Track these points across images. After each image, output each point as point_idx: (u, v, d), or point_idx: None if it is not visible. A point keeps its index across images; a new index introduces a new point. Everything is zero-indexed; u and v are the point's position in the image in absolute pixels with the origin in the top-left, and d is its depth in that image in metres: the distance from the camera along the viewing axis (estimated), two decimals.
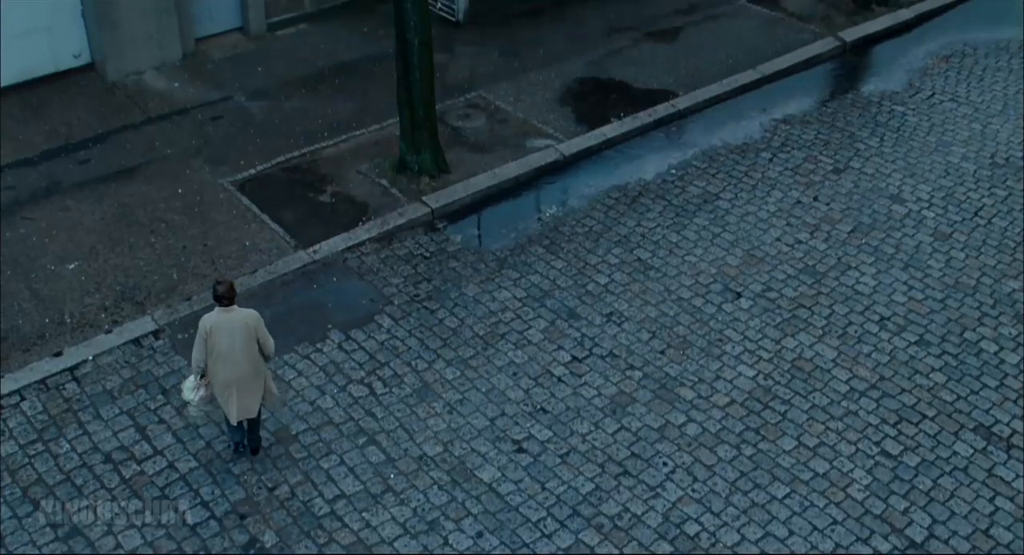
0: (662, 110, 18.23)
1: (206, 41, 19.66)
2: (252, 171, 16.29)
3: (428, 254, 14.87)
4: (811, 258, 15.01)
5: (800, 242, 15.32)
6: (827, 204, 16.15)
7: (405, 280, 14.34)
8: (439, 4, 20.46)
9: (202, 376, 11.18)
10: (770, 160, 17.17)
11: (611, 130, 17.64)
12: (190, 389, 11.35)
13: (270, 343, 11.19)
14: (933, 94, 19.24)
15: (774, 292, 14.35)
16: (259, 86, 18.49)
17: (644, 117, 18.00)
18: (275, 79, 18.70)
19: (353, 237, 15.00)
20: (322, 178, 16.18)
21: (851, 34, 21.09)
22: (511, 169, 16.55)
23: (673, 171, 16.88)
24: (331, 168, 16.40)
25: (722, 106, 18.73)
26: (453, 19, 20.61)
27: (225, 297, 10.81)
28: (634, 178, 16.70)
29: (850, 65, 20.50)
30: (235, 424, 11.42)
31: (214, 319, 10.87)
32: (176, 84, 18.41)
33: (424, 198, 15.71)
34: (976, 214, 16.02)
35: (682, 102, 18.49)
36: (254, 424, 11.60)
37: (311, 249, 14.74)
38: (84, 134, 17.03)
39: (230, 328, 10.85)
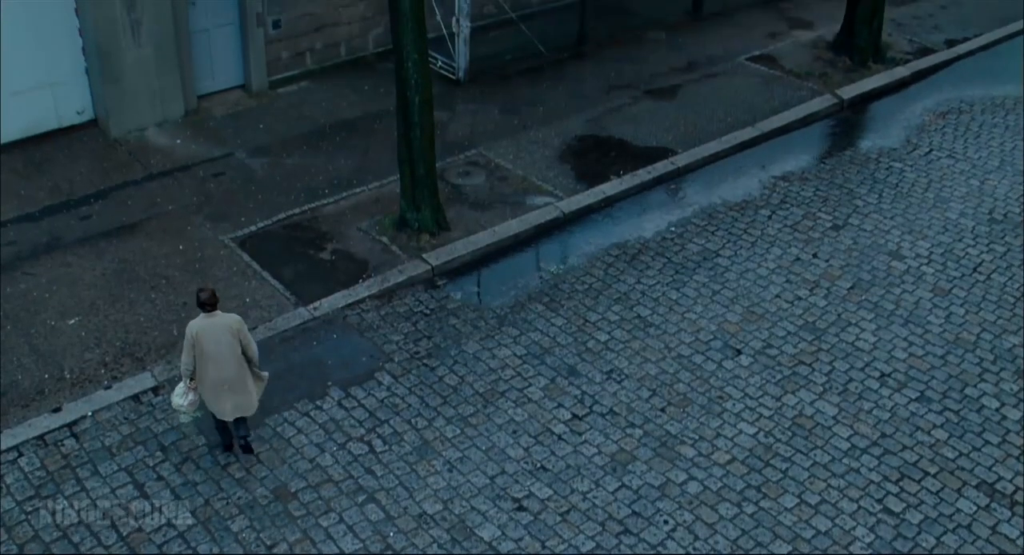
0: (661, 167, 18.33)
1: (208, 98, 19.84)
2: (253, 228, 16.34)
3: (428, 311, 14.87)
4: (811, 315, 15.01)
5: (800, 299, 15.33)
6: (826, 261, 16.18)
7: (405, 337, 14.33)
8: (440, 62, 20.64)
9: (191, 379, 11.76)
10: (769, 217, 17.23)
11: (611, 188, 17.72)
12: (179, 395, 11.92)
13: (253, 346, 11.87)
14: (931, 150, 19.36)
15: (774, 349, 14.33)
16: (260, 143, 18.60)
17: (643, 175, 18.09)
18: (276, 136, 18.83)
19: (353, 294, 15.00)
20: (323, 235, 16.22)
21: (848, 91, 21.28)
22: (511, 227, 16.60)
23: (673, 228, 16.93)
24: (332, 225, 16.45)
25: (721, 163, 18.84)
26: (454, 77, 20.80)
27: (208, 303, 11.50)
28: (634, 235, 16.74)
29: (848, 122, 20.65)
30: (229, 420, 12.03)
31: (200, 324, 11.54)
32: (178, 141, 18.53)
33: (424, 255, 15.74)
34: (975, 270, 16.05)
35: (681, 160, 18.59)
36: (241, 421, 12.20)
37: (311, 306, 14.74)
38: (86, 190, 17.12)
39: (215, 332, 11.52)
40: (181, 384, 11.89)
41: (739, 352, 14.26)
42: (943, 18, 25.30)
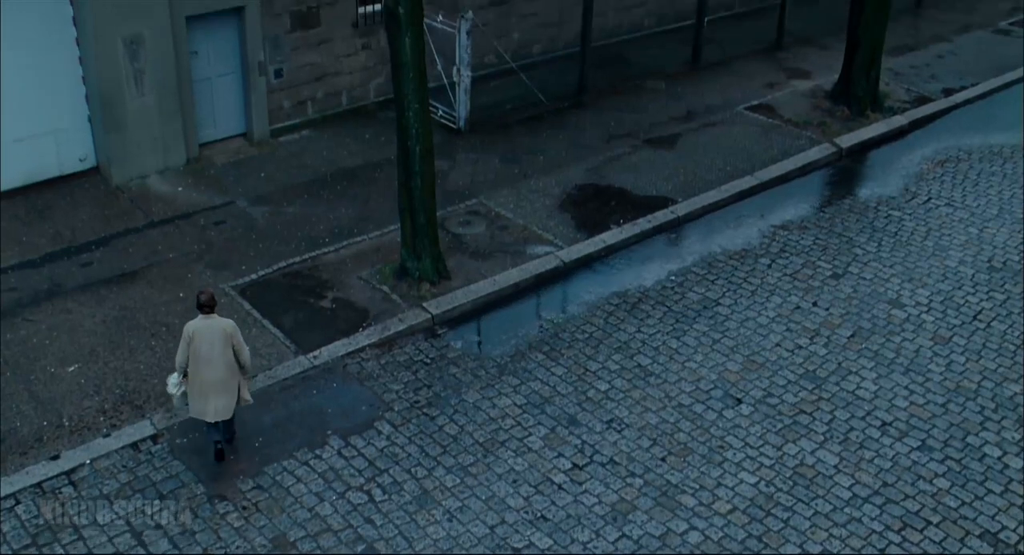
0: (661, 216, 18.39)
1: (210, 146, 19.95)
2: (253, 276, 16.36)
3: (428, 360, 14.85)
4: (811, 363, 15.00)
5: (800, 347, 15.32)
6: (826, 309, 16.19)
7: (405, 386, 14.30)
8: (440, 111, 20.77)
9: (184, 374, 12.49)
10: (769, 266, 17.26)
11: (611, 236, 17.76)
12: (174, 385, 12.68)
13: (245, 351, 12.59)
14: (929, 199, 19.43)
15: (775, 398, 14.30)
16: (262, 191, 18.67)
17: (643, 223, 18.15)
18: (277, 185, 18.91)
19: (353, 343, 15.00)
20: (323, 283, 16.24)
21: (847, 140, 21.41)
22: (511, 275, 16.62)
23: (673, 277, 16.96)
24: (332, 274, 16.47)
25: (721, 212, 18.91)
26: (454, 126, 20.93)
27: (207, 305, 12.33)
28: (634, 284, 16.76)
29: (847, 171, 20.75)
30: (211, 421, 12.57)
31: (196, 325, 12.32)
32: (180, 188, 18.60)
33: (425, 304, 15.75)
34: (975, 318, 16.05)
35: (681, 208, 18.66)
36: (221, 425, 12.80)
37: (311, 354, 14.73)
38: (87, 237, 17.18)
39: (210, 333, 12.27)
40: (176, 374, 12.62)
41: (740, 401, 14.23)
42: (940, 68, 25.51)
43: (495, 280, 16.47)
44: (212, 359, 12.27)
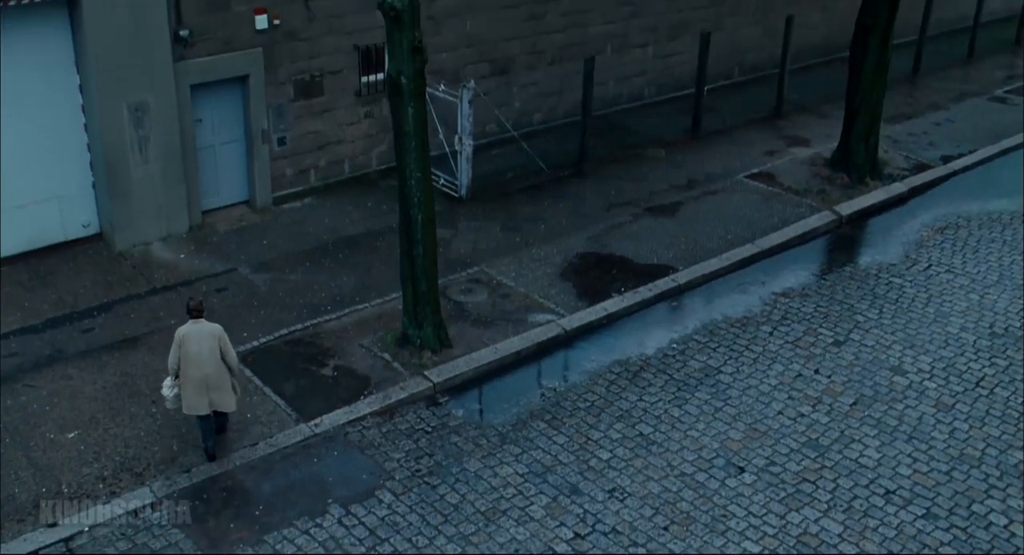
0: (663, 284, 18.43)
1: (213, 213, 20.06)
2: (255, 343, 16.36)
3: (430, 429, 14.80)
4: (814, 431, 14.94)
5: (802, 415, 15.27)
6: (828, 377, 16.16)
7: (406, 455, 14.24)
8: (442, 179, 20.90)
9: (176, 377, 13.55)
10: (770, 333, 17.26)
11: (612, 304, 17.79)
12: (168, 387, 13.73)
13: (232, 353, 13.71)
14: (930, 265, 19.48)
15: (777, 466, 14.23)
16: (264, 259, 18.74)
17: (645, 292, 18.18)
18: (280, 252, 18.98)
19: (355, 411, 14.96)
20: (325, 351, 16.23)
21: (847, 208, 21.50)
22: (513, 344, 16.62)
23: (674, 345, 16.95)
24: (334, 341, 16.47)
25: (722, 280, 18.95)
26: (456, 194, 21.04)
27: (196, 311, 13.50)
28: (636, 352, 16.76)
29: (847, 238, 20.82)
30: (206, 414, 13.62)
31: (186, 329, 13.48)
32: (182, 255, 18.67)
33: (426, 372, 15.73)
34: (978, 384, 16.02)
35: (682, 276, 18.70)
36: (213, 425, 13.90)
37: (312, 422, 14.69)
38: (89, 303, 17.23)
39: (199, 337, 13.40)
40: (169, 378, 13.68)
41: (742, 470, 14.16)
42: (938, 135, 25.70)
43: (497, 348, 16.47)
44: (201, 359, 13.37)
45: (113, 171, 18.30)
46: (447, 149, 20.89)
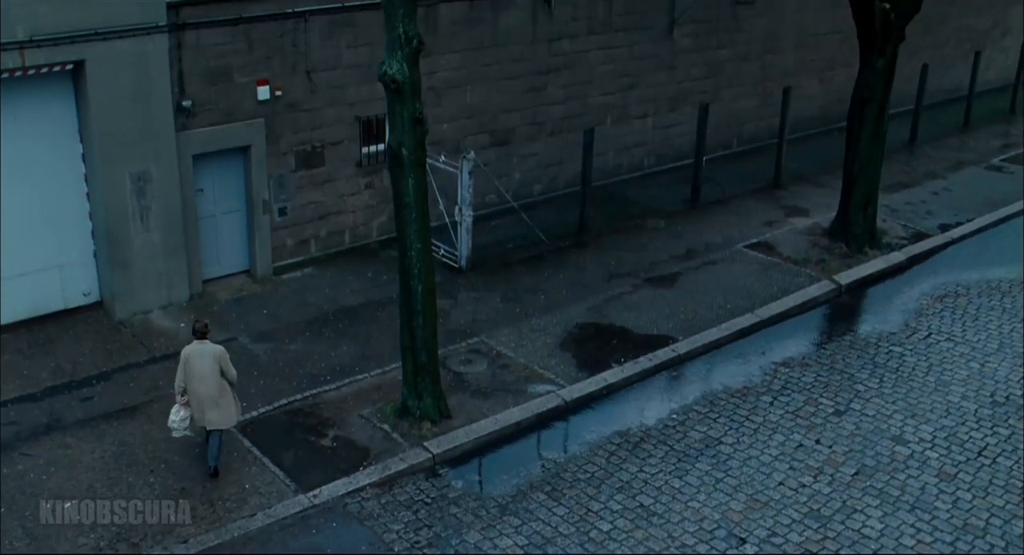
0: (662, 355, 18.41)
1: (213, 282, 20.11)
2: (254, 413, 16.30)
3: (429, 500, 14.72)
4: (815, 502, 14.85)
5: (804, 486, 15.18)
6: (830, 447, 16.10)
7: (405, 526, 14.14)
8: (442, 250, 20.97)
9: (181, 395, 14.55)
10: (771, 403, 17.22)
11: (612, 375, 17.76)
12: (174, 412, 14.65)
13: (232, 371, 14.74)
14: (930, 334, 19.48)
15: (780, 537, 14.13)
16: (264, 328, 18.75)
17: (645, 362, 18.17)
18: (280, 322, 19.00)
19: (354, 482, 14.88)
20: (324, 422, 16.18)
21: (846, 277, 21.56)
22: (513, 415, 16.57)
23: (675, 416, 16.90)
24: (333, 412, 16.43)
25: (722, 350, 18.93)
26: (456, 265, 21.11)
27: (200, 332, 14.57)
28: (636, 423, 16.70)
29: (846, 307, 20.84)
30: (210, 429, 14.64)
31: (192, 349, 14.56)
32: (182, 324, 18.67)
33: (426, 443, 15.67)
34: (980, 454, 15.94)
35: (682, 347, 18.69)
36: (217, 442, 14.83)
37: (311, 493, 14.60)
38: (88, 371, 17.22)
39: (202, 356, 14.46)
40: (175, 404, 14.65)
41: (744, 541, 14.05)
42: (935, 204, 25.85)
43: (496, 419, 16.42)
44: (204, 377, 14.43)
45: (114, 240, 18.39)
46: (447, 220, 21.01)
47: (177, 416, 14.58)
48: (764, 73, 28.92)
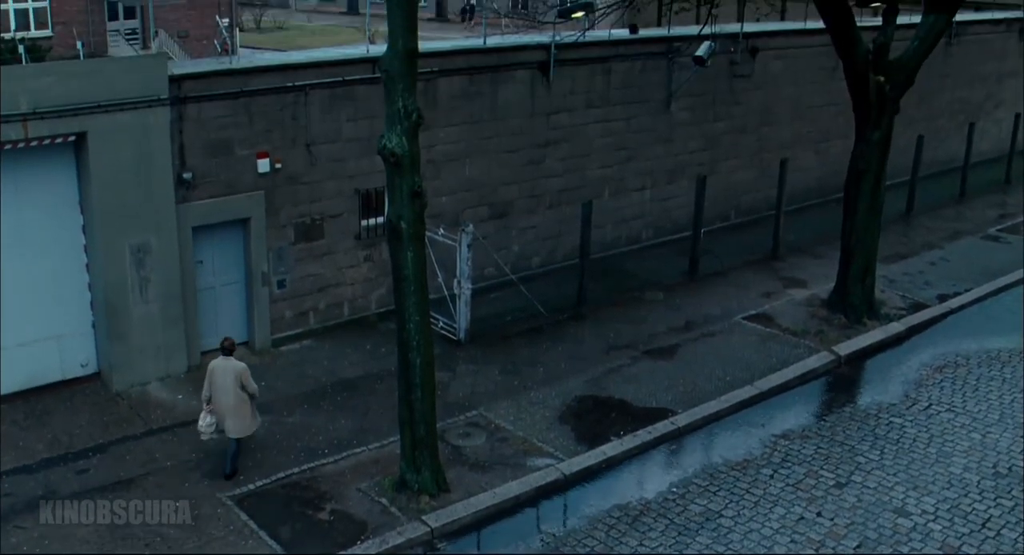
0: (662, 428, 18.31)
1: (212, 354, 19.97)
2: (251, 486, 16.20)
3: None
4: None
5: None
6: (831, 520, 15.97)
7: None
8: (441, 323, 20.96)
9: (207, 403, 16.23)
10: (771, 476, 17.11)
11: (611, 448, 17.65)
12: (201, 419, 16.31)
13: (252, 385, 16.32)
14: (930, 405, 19.42)
15: None
16: (261, 401, 18.53)
17: (644, 435, 18.06)
18: (278, 394, 18.93)
19: None
20: (321, 495, 16.06)
21: (845, 348, 21.55)
22: (511, 488, 16.44)
23: (674, 489, 16.78)
24: (331, 485, 16.31)
25: (722, 422, 18.84)
26: (455, 338, 21.10)
27: (227, 349, 16.31)
28: (635, 497, 16.57)
29: (846, 378, 20.81)
30: (231, 436, 16.30)
31: (217, 363, 16.29)
32: (180, 396, 18.63)
33: (424, 517, 15.53)
34: (984, 526, 15.81)
35: (681, 419, 18.60)
36: (235, 451, 16.44)
37: None
38: (85, 443, 17.13)
39: (225, 371, 16.13)
40: (203, 411, 16.30)
41: None
42: (933, 274, 25.93)
43: (495, 493, 16.29)
44: (225, 389, 16.06)
45: (113, 311, 18.41)
46: (446, 292, 21.04)
47: (204, 422, 16.27)
48: (761, 145, 29.18)
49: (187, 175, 18.78)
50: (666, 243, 27.11)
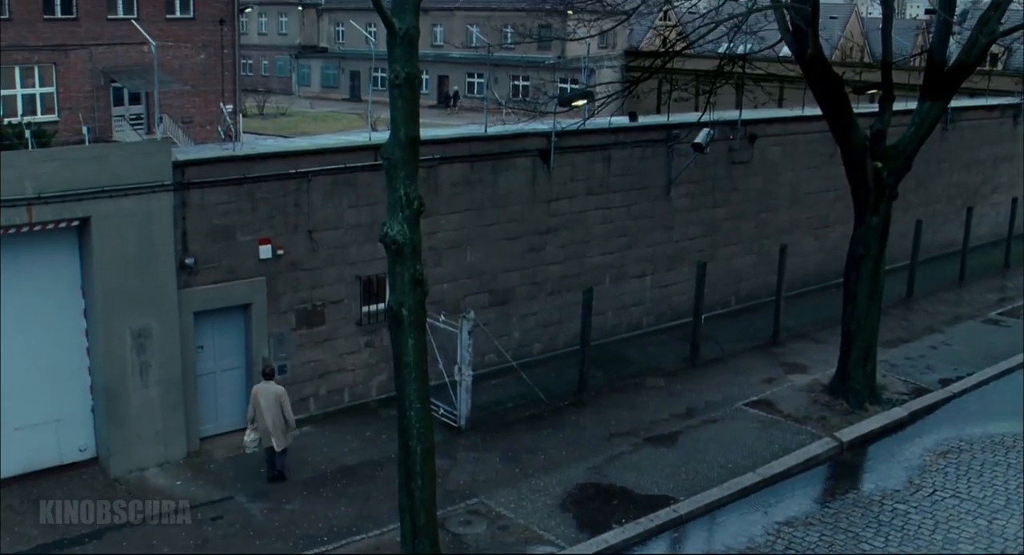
0: (664, 515, 18.13)
1: (211, 440, 20.02)
2: None
3: None
4: None
5: None
6: None
7: None
8: (441, 410, 20.88)
9: (252, 422, 18.42)
10: None
11: (613, 536, 17.47)
12: (247, 435, 18.51)
13: (288, 411, 18.50)
14: (935, 491, 19.27)
15: None
16: (261, 487, 18.57)
17: (646, 523, 17.88)
18: (277, 480, 18.78)
19: None
20: None
21: (848, 434, 21.43)
22: None
23: None
24: None
25: (724, 509, 18.67)
26: (455, 424, 21.01)
27: (267, 374, 18.55)
28: None
29: (849, 464, 20.67)
30: (277, 450, 18.55)
31: (259, 387, 18.46)
32: (178, 482, 18.53)
33: None
34: None
35: (683, 507, 18.42)
36: (277, 456, 18.74)
37: None
38: (81, 529, 16.98)
39: (266, 393, 18.34)
40: (248, 429, 18.50)
41: None
42: (935, 358, 25.90)
43: None
44: (267, 410, 18.24)
45: (113, 396, 18.37)
46: (447, 379, 20.96)
47: (248, 438, 18.43)
48: (760, 231, 29.34)
49: (189, 260, 18.88)
50: (667, 329, 27.13)
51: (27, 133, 22.37)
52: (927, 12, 33.54)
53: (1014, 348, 26.57)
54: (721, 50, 23.45)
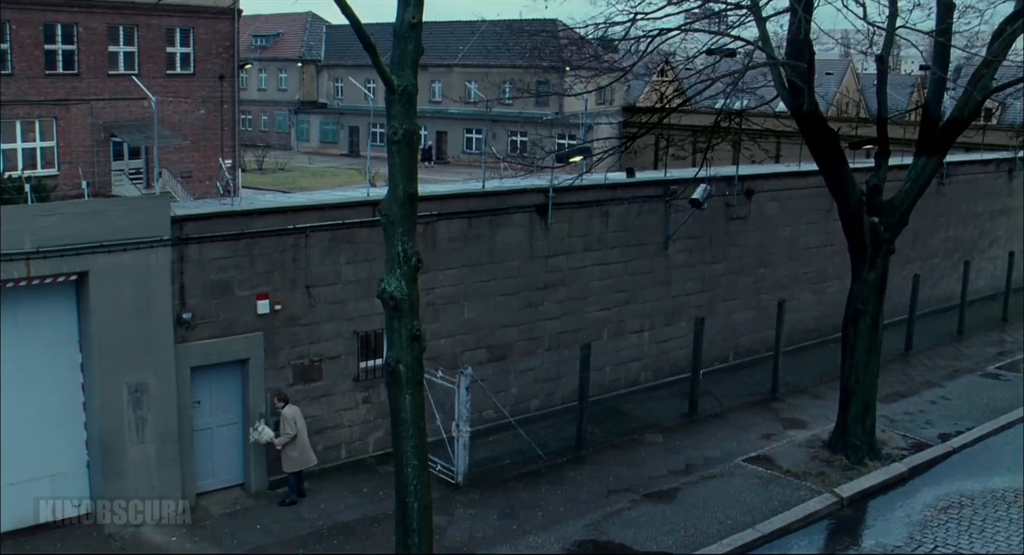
0: None
1: (207, 496, 19.91)
2: None
3: None
4: None
5: None
6: None
7: None
8: (439, 466, 20.78)
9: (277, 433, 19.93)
10: None
11: None
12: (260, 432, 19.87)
13: (291, 434, 19.63)
14: (935, 547, 19.13)
15: None
16: (257, 543, 18.43)
17: None
18: (274, 537, 18.68)
19: None
20: None
21: (847, 489, 21.32)
22: None
23: None
24: None
25: None
26: (453, 481, 20.89)
27: (282, 400, 19.68)
28: None
29: (849, 520, 20.54)
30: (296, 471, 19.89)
31: (292, 408, 19.66)
32: (173, 538, 18.38)
33: None
34: None
35: None
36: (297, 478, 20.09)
37: None
38: None
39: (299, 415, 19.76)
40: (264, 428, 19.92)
41: None
42: (934, 413, 25.83)
43: None
44: (304, 429, 19.86)
45: (109, 451, 18.28)
46: (444, 435, 20.88)
47: (256, 435, 19.82)
48: (758, 286, 29.39)
49: (187, 315, 18.87)
50: (665, 385, 27.10)
51: (27, 187, 22.46)
52: (922, 68, 33.76)
53: (1014, 402, 26.51)
54: (718, 106, 23.61)
